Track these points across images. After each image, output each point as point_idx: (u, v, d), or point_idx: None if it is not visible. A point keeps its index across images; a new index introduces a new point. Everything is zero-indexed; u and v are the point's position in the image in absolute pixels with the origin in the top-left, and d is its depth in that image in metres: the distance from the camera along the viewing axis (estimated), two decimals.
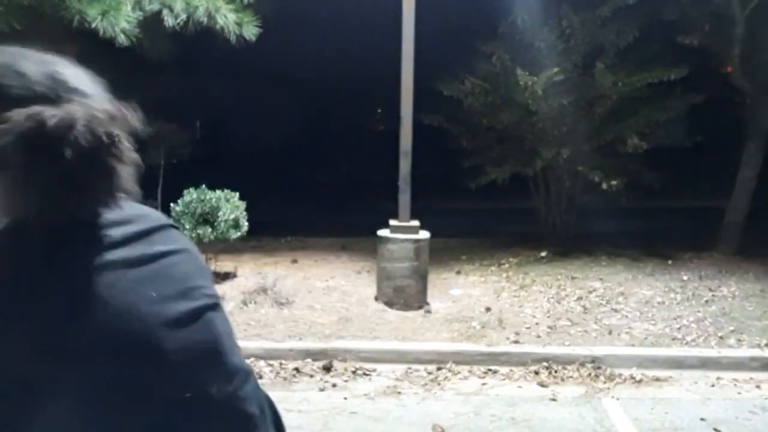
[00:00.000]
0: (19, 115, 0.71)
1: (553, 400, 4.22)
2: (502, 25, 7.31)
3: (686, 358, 4.72)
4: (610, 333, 5.10)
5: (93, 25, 5.26)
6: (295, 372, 4.51)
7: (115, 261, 0.75)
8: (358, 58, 11.67)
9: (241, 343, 0.82)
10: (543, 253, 7.19)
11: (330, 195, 12.49)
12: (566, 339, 5.00)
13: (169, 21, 5.66)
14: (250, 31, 5.97)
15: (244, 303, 5.48)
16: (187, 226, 5.71)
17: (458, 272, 6.71)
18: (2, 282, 0.71)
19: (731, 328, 5.15)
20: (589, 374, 4.56)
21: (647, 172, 7.28)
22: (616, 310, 5.55)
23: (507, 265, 6.91)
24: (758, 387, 4.43)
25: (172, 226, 0.87)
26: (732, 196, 7.34)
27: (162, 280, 0.79)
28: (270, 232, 8.14)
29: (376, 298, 5.77)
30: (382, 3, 6.40)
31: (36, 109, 0.72)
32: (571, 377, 4.54)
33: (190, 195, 5.83)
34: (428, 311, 5.56)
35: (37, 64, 0.85)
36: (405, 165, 5.66)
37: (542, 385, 4.44)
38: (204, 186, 5.92)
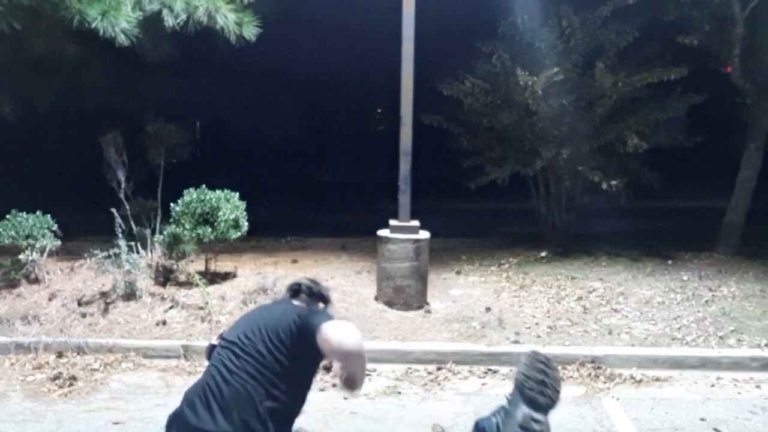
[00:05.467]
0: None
1: None
2: (502, 25, 7.29)
3: (686, 358, 4.73)
4: (610, 333, 5.10)
5: (93, 25, 5.27)
6: None
7: None
8: (358, 58, 11.65)
9: None
10: (543, 253, 7.19)
11: (330, 195, 12.48)
12: (566, 339, 5.00)
13: (169, 21, 5.66)
14: (250, 31, 5.97)
15: (244, 303, 5.48)
16: (187, 226, 5.71)
17: (458, 272, 6.71)
18: None
19: (731, 328, 5.15)
20: (589, 374, 4.56)
21: (647, 172, 7.28)
22: (616, 310, 5.55)
23: (507, 265, 6.90)
24: (758, 387, 4.43)
25: None
26: (732, 196, 7.33)
27: None
28: (270, 232, 8.14)
29: (376, 298, 5.77)
30: (382, 3, 6.40)
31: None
32: (571, 377, 4.54)
33: (190, 195, 5.83)
34: (428, 311, 5.56)
35: None
36: (405, 165, 5.65)
37: None
38: (204, 186, 5.92)
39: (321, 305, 2.56)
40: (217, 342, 2.44)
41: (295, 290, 2.56)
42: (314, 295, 2.56)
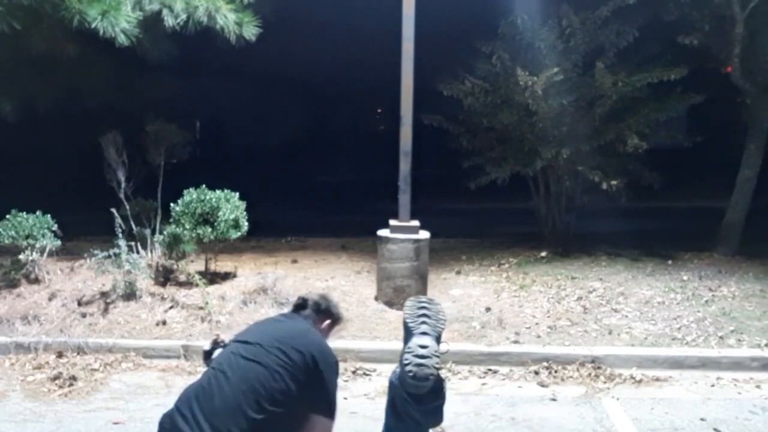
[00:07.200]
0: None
1: (553, 400, 4.23)
2: (502, 25, 7.29)
3: (686, 358, 4.73)
4: (610, 333, 5.10)
5: (93, 25, 5.27)
6: None
7: None
8: (358, 58, 11.66)
9: None
10: (543, 253, 7.20)
11: (330, 195, 12.48)
12: (566, 339, 5.00)
13: (169, 21, 5.67)
14: (250, 31, 5.98)
15: (244, 303, 5.48)
16: (187, 226, 5.71)
17: (458, 272, 6.71)
18: None
19: (731, 328, 5.15)
20: (589, 374, 4.56)
21: (647, 172, 7.28)
22: (616, 310, 5.55)
23: (507, 265, 6.90)
24: (758, 387, 4.43)
25: None
26: (732, 196, 7.34)
27: None
28: (270, 232, 8.14)
29: (376, 298, 5.78)
30: (382, 3, 6.40)
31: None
32: (571, 377, 4.54)
33: (190, 195, 5.83)
34: None
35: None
36: (405, 165, 5.66)
37: (542, 385, 4.44)
38: (204, 186, 5.92)
39: (327, 321, 2.61)
40: (210, 347, 2.42)
41: (300, 305, 2.59)
42: (321, 311, 2.60)
